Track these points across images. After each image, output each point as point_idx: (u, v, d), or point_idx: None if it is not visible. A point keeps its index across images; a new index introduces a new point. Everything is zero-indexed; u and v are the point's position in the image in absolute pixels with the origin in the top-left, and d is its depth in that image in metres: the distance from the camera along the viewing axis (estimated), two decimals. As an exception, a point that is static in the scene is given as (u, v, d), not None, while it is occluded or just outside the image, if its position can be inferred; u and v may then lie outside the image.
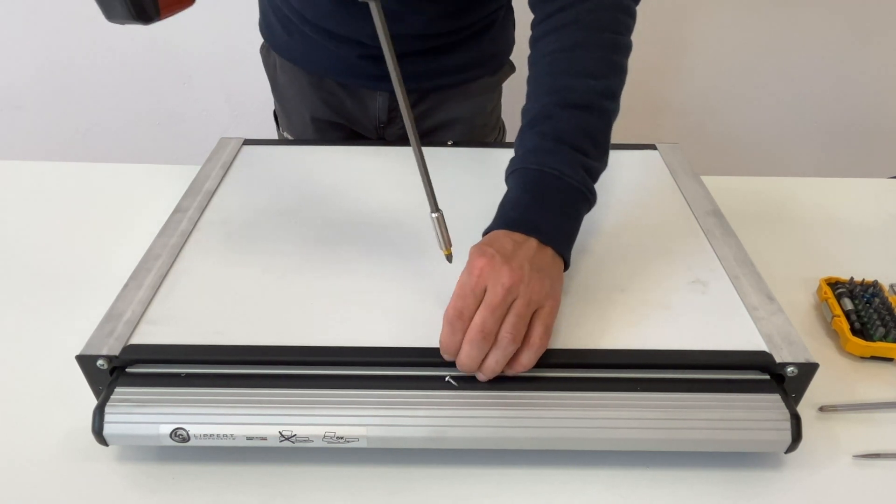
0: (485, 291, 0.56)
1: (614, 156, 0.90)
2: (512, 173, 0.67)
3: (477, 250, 0.59)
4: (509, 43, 1.08)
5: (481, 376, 0.56)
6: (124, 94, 1.85)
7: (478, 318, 0.55)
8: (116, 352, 0.57)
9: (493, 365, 0.55)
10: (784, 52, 1.76)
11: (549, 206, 0.63)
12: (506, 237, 0.60)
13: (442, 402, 0.56)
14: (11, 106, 1.86)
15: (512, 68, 1.12)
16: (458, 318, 0.55)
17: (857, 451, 0.60)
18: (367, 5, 0.83)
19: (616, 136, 0.71)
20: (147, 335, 0.59)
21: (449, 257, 0.65)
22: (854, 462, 0.60)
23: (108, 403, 0.55)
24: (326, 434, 0.54)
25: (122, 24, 0.66)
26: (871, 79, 1.79)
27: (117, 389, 0.56)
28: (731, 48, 1.76)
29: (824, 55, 1.76)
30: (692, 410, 0.56)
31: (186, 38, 1.79)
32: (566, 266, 0.64)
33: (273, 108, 1.18)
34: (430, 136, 1.09)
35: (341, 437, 0.55)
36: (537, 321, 0.57)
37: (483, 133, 1.13)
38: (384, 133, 1.09)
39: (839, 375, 0.68)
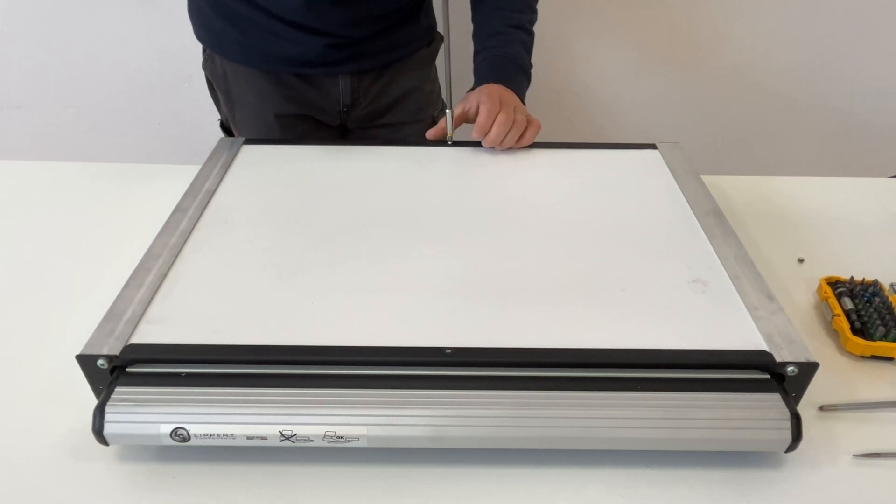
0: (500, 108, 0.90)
1: (614, 156, 0.91)
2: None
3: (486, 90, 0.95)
4: (434, 16, 1.18)
5: (500, 146, 0.91)
6: (124, 94, 1.85)
7: (503, 115, 0.90)
8: (116, 351, 0.57)
9: (511, 139, 0.90)
10: (784, 51, 1.75)
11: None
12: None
13: (442, 402, 0.56)
14: (11, 106, 1.86)
15: (441, 38, 1.19)
16: (490, 115, 0.90)
17: (857, 451, 0.60)
18: None
19: (616, 136, 0.72)
20: (147, 335, 0.59)
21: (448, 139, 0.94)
22: (854, 462, 0.60)
23: (108, 403, 0.55)
24: (326, 434, 0.54)
25: None
26: (871, 79, 1.79)
27: (117, 389, 0.56)
28: (730, 48, 1.76)
29: (824, 54, 1.76)
30: (692, 410, 0.56)
31: (186, 38, 1.79)
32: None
33: (219, 122, 1.19)
34: (392, 110, 1.14)
35: (341, 437, 0.54)
36: (530, 126, 0.93)
37: (432, 100, 1.20)
38: (347, 117, 1.13)
39: (839, 375, 0.68)
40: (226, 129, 1.18)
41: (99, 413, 0.54)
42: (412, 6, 1.08)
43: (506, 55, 1.01)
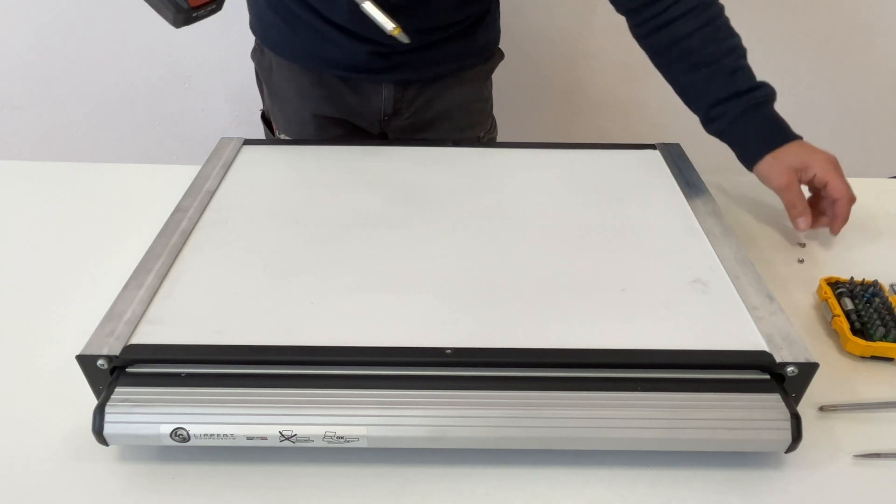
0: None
1: (614, 156, 0.91)
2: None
3: (770, 169, 0.84)
4: (498, 32, 1.13)
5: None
6: (124, 94, 1.85)
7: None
8: (116, 352, 0.57)
9: None
10: (784, 51, 1.75)
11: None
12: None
13: (442, 402, 0.56)
14: (11, 106, 1.86)
15: (501, 55, 1.16)
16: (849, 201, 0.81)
17: (857, 451, 0.60)
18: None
19: (616, 136, 0.73)
20: (147, 335, 0.59)
21: (401, 35, 0.79)
22: (854, 462, 0.59)
23: (108, 403, 0.55)
24: (326, 434, 0.54)
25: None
26: (872, 79, 1.79)
27: (117, 389, 0.56)
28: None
29: (824, 54, 1.76)
30: (692, 410, 0.56)
31: (186, 39, 1.79)
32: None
33: (260, 112, 1.18)
34: (435, 124, 1.11)
35: (341, 437, 0.54)
36: None
37: (481, 119, 1.17)
38: (387, 126, 1.11)
39: (839, 375, 0.68)
40: (266, 121, 1.17)
41: (99, 413, 0.54)
42: (469, 22, 1.03)
43: (767, 98, 0.88)
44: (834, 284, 0.75)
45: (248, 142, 0.94)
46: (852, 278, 0.76)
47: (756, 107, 0.87)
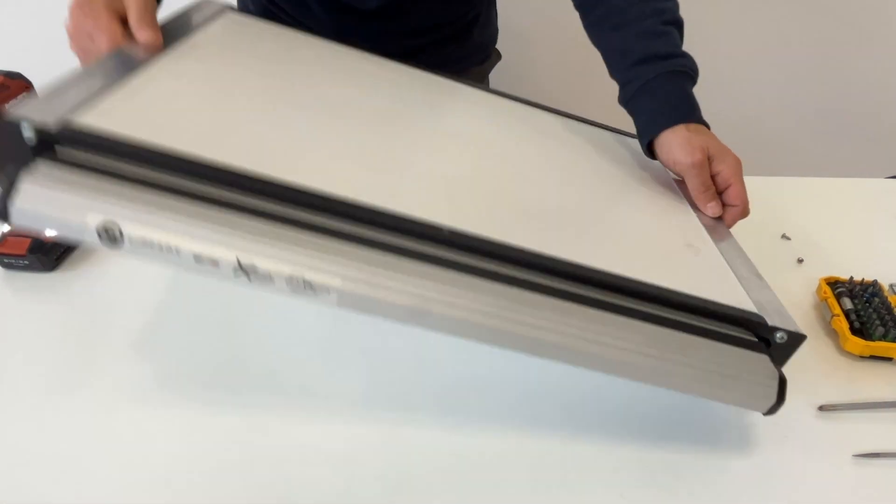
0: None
1: (614, 149, 0.85)
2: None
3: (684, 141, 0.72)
4: (495, 32, 1.09)
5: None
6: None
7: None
8: (51, 124, 0.44)
9: None
10: (783, 51, 1.74)
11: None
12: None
13: (429, 274, 0.48)
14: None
15: (498, 56, 1.12)
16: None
17: (857, 451, 0.57)
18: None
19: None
20: (95, 119, 0.46)
21: None
22: (854, 462, 0.57)
23: (26, 174, 0.42)
24: (292, 276, 0.44)
25: None
26: (871, 79, 1.79)
27: (42, 161, 0.43)
28: (730, 47, 1.74)
29: (824, 54, 1.76)
30: (684, 349, 0.52)
31: None
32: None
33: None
34: None
35: (309, 284, 0.44)
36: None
37: None
38: None
39: (839, 375, 0.65)
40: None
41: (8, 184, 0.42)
42: (462, 23, 0.98)
43: (687, 69, 0.79)
44: (833, 284, 0.73)
45: (232, 9, 0.82)
46: (852, 278, 0.73)
47: (672, 75, 0.77)
